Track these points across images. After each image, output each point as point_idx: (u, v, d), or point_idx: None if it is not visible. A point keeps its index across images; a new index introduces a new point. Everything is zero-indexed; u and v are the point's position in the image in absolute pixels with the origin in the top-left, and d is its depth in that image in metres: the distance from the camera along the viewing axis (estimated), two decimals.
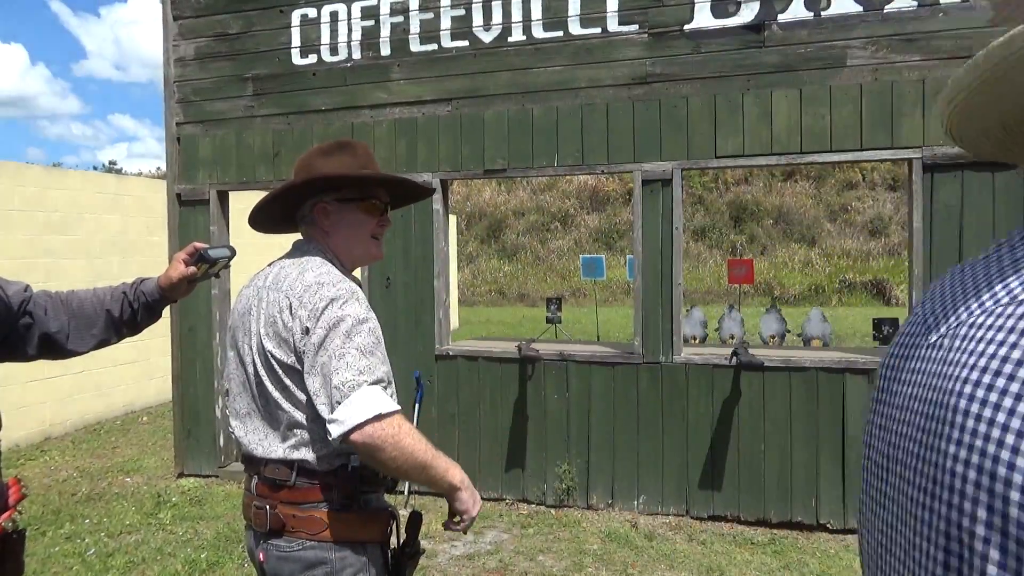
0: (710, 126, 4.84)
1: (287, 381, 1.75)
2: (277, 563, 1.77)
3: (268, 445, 1.80)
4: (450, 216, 12.49)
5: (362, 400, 1.64)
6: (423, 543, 1.90)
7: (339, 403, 1.64)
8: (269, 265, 1.92)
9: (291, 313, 1.73)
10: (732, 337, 9.38)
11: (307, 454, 1.75)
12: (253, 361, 1.81)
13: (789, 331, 9.75)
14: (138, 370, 8.63)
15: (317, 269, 1.79)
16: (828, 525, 4.67)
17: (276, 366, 1.75)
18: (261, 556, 1.80)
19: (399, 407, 1.70)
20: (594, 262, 12.79)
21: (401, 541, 1.94)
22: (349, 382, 1.65)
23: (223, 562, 4.33)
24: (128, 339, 2.07)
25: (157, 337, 7.96)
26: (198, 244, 2.06)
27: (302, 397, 1.74)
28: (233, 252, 2.11)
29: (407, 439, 1.67)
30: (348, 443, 1.66)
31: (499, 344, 5.76)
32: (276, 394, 1.77)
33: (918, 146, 4.49)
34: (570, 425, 5.15)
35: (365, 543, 1.79)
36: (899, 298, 19.85)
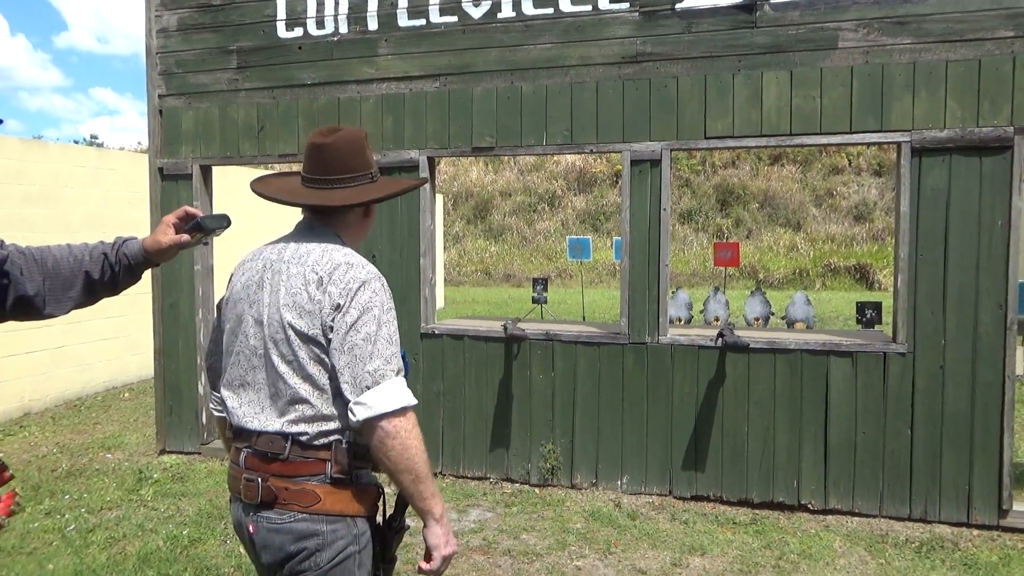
0: (700, 107, 4.81)
1: (300, 353, 1.77)
2: (268, 535, 1.79)
3: (265, 419, 1.81)
4: (437, 195, 12.38)
5: (392, 390, 1.73)
6: (408, 521, 1.91)
7: (368, 388, 1.72)
8: (274, 242, 1.94)
9: (321, 287, 1.77)
10: (717, 319, 9.42)
11: (305, 428, 1.77)
12: (260, 333, 1.82)
13: (773, 314, 9.81)
14: (119, 345, 8.54)
15: (342, 250, 1.85)
16: (809, 505, 4.71)
17: (294, 337, 1.77)
18: (251, 528, 1.81)
19: (416, 401, 1.77)
20: (581, 243, 12.78)
21: (388, 516, 1.96)
22: (380, 370, 1.74)
23: (205, 538, 4.31)
24: (109, 314, 2.02)
25: (139, 312, 7.87)
26: (190, 209, 2.00)
27: (313, 371, 1.77)
28: (229, 221, 2.06)
29: (415, 441, 1.75)
30: (367, 427, 1.73)
31: (485, 323, 5.74)
32: (283, 367, 1.79)
33: (907, 130, 4.48)
34: (555, 405, 5.15)
35: (355, 517, 1.81)
36: (882, 283, 20.00)
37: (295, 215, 2.11)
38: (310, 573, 1.78)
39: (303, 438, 1.77)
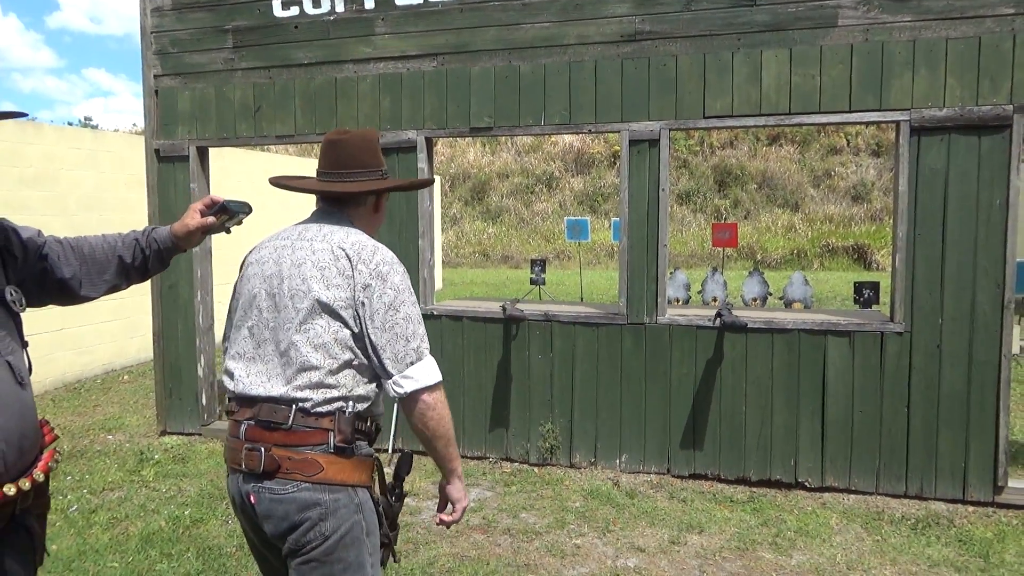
0: (699, 86, 4.79)
1: (319, 322, 1.87)
2: (270, 505, 1.84)
3: (272, 385, 1.88)
4: (435, 176, 12.32)
5: (432, 365, 1.93)
6: (409, 501, 1.95)
7: (412, 363, 1.88)
8: (294, 225, 2.07)
9: (350, 263, 1.89)
10: (715, 300, 9.42)
11: (310, 394, 1.85)
12: (277, 304, 1.92)
13: (771, 294, 9.81)
14: (119, 328, 8.54)
15: (362, 234, 2.01)
16: (806, 483, 4.75)
17: (316, 307, 1.87)
18: (252, 499, 1.86)
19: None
20: (579, 224, 12.75)
21: (388, 484, 2.10)
22: (421, 347, 1.91)
23: (207, 519, 4.34)
24: (107, 296, 2.07)
25: (138, 295, 7.86)
26: (215, 196, 2.10)
27: (327, 339, 1.86)
28: (250, 208, 2.15)
29: (447, 411, 1.95)
30: (410, 399, 1.89)
31: (483, 304, 5.75)
32: (297, 336, 1.87)
33: (906, 108, 4.47)
34: (554, 385, 5.17)
35: (356, 486, 1.89)
36: (880, 263, 20.03)
37: (290, 197, 2.16)
38: (315, 543, 1.82)
39: (307, 404, 1.84)
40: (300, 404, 1.83)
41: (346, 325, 1.87)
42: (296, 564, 1.85)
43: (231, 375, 1.96)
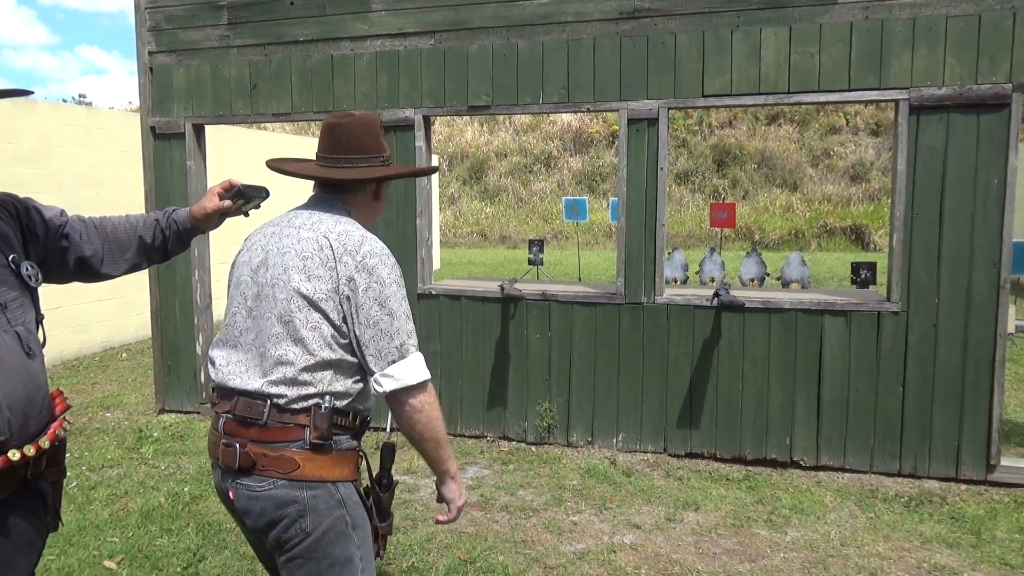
0: (698, 64, 4.76)
1: (299, 316, 1.79)
2: (248, 502, 1.81)
3: (248, 377, 1.83)
4: (433, 156, 12.21)
5: (416, 364, 1.85)
6: (407, 479, 1.96)
7: (394, 362, 1.82)
8: (288, 211, 2.01)
9: (333, 254, 1.81)
10: (712, 280, 9.45)
11: (285, 391, 1.79)
12: (260, 293, 1.86)
13: (768, 274, 9.83)
14: (116, 306, 8.54)
15: (352, 223, 1.92)
16: (801, 462, 4.79)
17: (297, 299, 1.80)
18: (231, 494, 1.84)
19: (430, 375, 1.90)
20: (577, 204, 12.72)
21: (376, 475, 2.04)
22: (406, 344, 1.84)
23: (206, 495, 4.37)
24: None
25: (135, 274, 7.86)
26: (234, 180, 2.13)
27: (306, 335, 1.79)
28: (267, 193, 2.17)
29: (437, 412, 1.88)
30: (393, 398, 1.83)
31: (481, 283, 5.75)
32: (277, 328, 1.81)
33: (905, 87, 4.45)
34: (551, 364, 5.19)
35: (336, 482, 1.83)
36: (877, 243, 20.05)
37: (288, 180, 2.14)
38: (297, 540, 1.80)
39: (281, 401, 1.78)
40: (274, 400, 1.78)
41: (327, 318, 1.80)
42: (282, 561, 1.84)
43: (213, 363, 1.93)
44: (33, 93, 1.78)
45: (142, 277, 6.22)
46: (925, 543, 3.82)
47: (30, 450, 1.62)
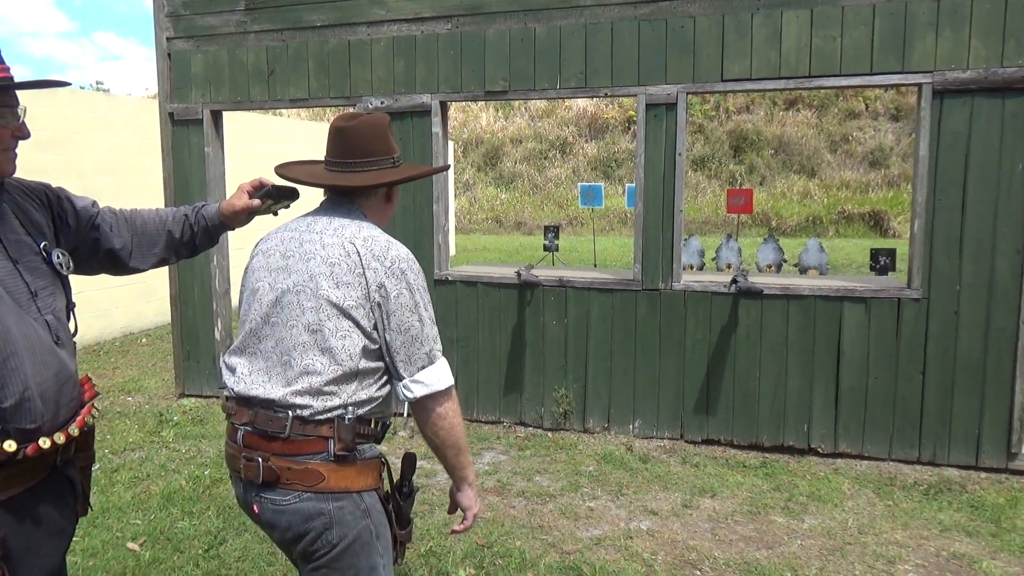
0: (717, 48, 4.71)
1: (328, 324, 1.77)
2: (273, 516, 1.79)
3: (271, 387, 1.79)
4: (448, 142, 12.17)
5: (444, 369, 1.87)
6: (424, 464, 1.96)
7: (423, 368, 1.83)
8: (298, 218, 1.96)
9: (360, 260, 1.79)
10: (729, 266, 9.38)
11: (310, 401, 1.76)
12: (281, 300, 1.82)
13: (786, 261, 9.76)
14: (136, 292, 8.62)
15: (375, 228, 1.90)
16: (819, 449, 4.77)
17: (327, 307, 1.77)
18: (255, 508, 1.82)
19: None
20: (592, 190, 12.66)
21: (396, 482, 2.01)
22: (434, 350, 1.85)
23: (225, 479, 4.41)
24: None
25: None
26: (264, 178, 2.13)
27: (335, 343, 1.76)
28: (297, 195, 2.17)
29: (458, 420, 1.89)
30: (420, 405, 1.85)
31: (498, 270, 5.75)
32: (304, 337, 1.78)
33: (929, 71, 4.38)
34: (568, 350, 5.19)
35: (361, 492, 1.82)
36: (896, 229, 19.82)
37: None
38: (324, 551, 1.79)
39: (305, 413, 1.76)
40: (298, 411, 1.75)
41: (357, 326, 1.78)
42: (308, 570, 1.83)
43: (232, 370, 1.88)
44: (70, 84, 1.78)
45: None
46: (944, 531, 3.80)
47: (60, 438, 1.63)
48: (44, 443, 1.59)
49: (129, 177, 8.51)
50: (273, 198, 2.13)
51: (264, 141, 10.60)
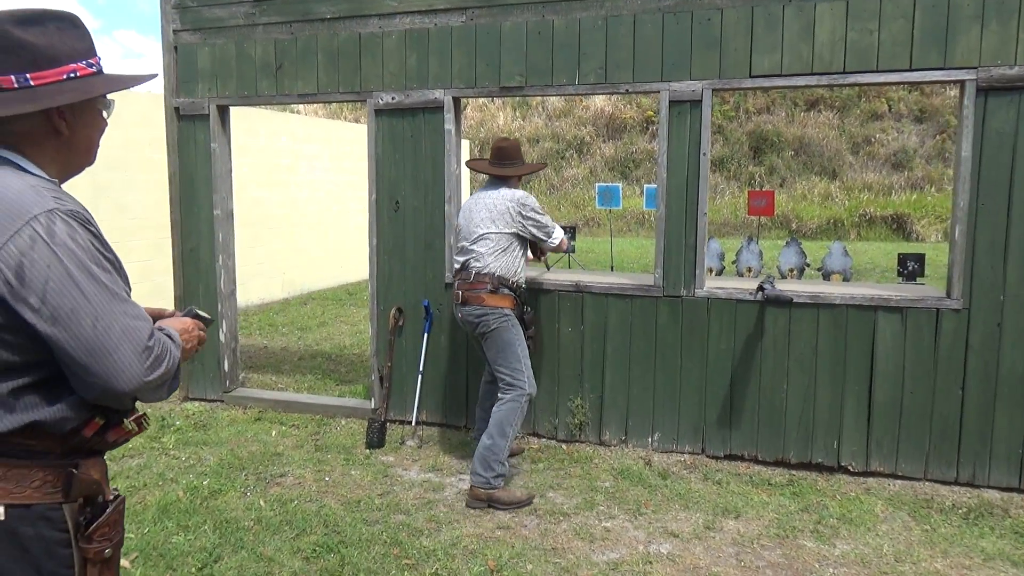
0: (745, 42, 4.47)
1: (507, 231, 4.15)
2: (469, 316, 4.12)
3: (489, 262, 4.11)
4: (463, 141, 11.91)
5: (559, 234, 4.40)
6: (432, 477, 1.73)
7: (549, 235, 4.31)
8: (481, 189, 4.34)
9: (518, 204, 4.18)
10: (749, 270, 9.09)
11: (502, 270, 4.13)
12: (484, 219, 4.17)
13: (808, 265, 9.44)
14: (144, 291, 8.46)
15: (518, 190, 4.26)
16: (849, 467, 4.51)
17: (500, 225, 4.14)
18: (459, 315, 4.20)
19: None
20: (610, 191, 12.38)
21: (518, 310, 4.22)
22: (550, 227, 4.32)
23: (225, 489, 4.23)
24: (135, 260, 1.88)
25: (164, 257, 7.77)
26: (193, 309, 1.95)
27: (504, 244, 4.15)
28: (211, 320, 1.94)
29: (560, 232, 4.48)
30: (548, 246, 4.40)
31: None
32: (474, 246, 4.17)
33: (973, 66, 4.11)
34: (584, 358, 4.96)
35: (502, 308, 4.08)
36: (919, 233, 19.40)
37: (315, 161, 1.90)
38: (485, 330, 4.09)
39: (502, 274, 4.14)
40: (501, 276, 4.10)
41: (513, 232, 4.17)
42: (482, 341, 4.15)
43: (471, 251, 4.19)
44: (157, 76, 1.75)
45: (166, 261, 6.11)
46: (987, 560, 3.54)
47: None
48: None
49: (138, 173, 8.37)
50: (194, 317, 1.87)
51: (277, 137, 10.43)
